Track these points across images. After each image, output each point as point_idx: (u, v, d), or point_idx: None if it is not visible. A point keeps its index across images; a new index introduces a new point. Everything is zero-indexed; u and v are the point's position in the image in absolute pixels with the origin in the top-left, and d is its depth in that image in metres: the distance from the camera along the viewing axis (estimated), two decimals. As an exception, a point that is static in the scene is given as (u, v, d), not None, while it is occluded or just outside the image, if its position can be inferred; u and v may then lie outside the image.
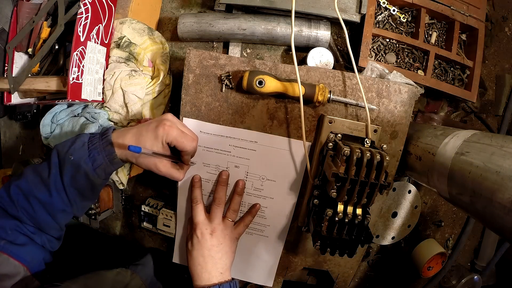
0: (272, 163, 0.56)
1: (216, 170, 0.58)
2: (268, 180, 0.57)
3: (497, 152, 0.37)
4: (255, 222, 0.60)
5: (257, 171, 0.57)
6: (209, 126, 0.55)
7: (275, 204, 0.58)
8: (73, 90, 0.52)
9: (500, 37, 0.76)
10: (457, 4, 0.67)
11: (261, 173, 0.57)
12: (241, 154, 0.56)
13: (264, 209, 0.59)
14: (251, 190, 0.59)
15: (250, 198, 0.59)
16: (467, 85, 0.69)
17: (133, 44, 0.59)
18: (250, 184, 0.58)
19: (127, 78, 0.57)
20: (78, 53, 0.52)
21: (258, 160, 0.56)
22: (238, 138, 0.55)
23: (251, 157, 0.56)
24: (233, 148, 0.56)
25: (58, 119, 0.60)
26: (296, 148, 0.55)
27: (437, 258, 0.73)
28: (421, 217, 0.75)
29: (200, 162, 0.57)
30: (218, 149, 0.56)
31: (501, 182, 0.34)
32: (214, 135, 0.56)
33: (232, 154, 0.57)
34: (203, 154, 0.57)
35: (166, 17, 0.70)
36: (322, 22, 0.63)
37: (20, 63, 0.60)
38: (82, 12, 0.52)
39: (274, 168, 0.56)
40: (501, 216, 0.34)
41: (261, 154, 0.56)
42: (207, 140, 0.56)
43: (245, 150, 0.56)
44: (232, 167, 0.57)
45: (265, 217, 0.60)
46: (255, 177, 0.58)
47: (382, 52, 0.67)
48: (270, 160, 0.56)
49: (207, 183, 0.59)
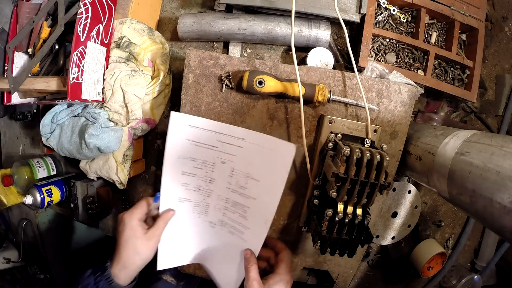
0: (257, 162, 0.54)
1: (202, 165, 0.56)
2: (253, 180, 0.55)
3: (497, 152, 0.37)
4: (237, 221, 0.57)
5: (242, 168, 0.55)
6: (198, 120, 0.54)
7: (257, 206, 0.55)
8: (73, 90, 0.52)
9: (500, 37, 0.76)
10: (457, 4, 0.67)
11: (246, 171, 0.55)
12: (228, 150, 0.55)
13: (246, 209, 0.56)
14: (236, 187, 0.56)
15: (234, 195, 0.57)
16: (467, 85, 0.69)
17: (133, 44, 0.59)
18: (235, 180, 0.56)
19: (127, 78, 0.57)
20: (78, 53, 0.52)
21: (245, 157, 0.54)
22: (226, 134, 0.54)
23: (238, 153, 0.55)
24: (220, 144, 0.55)
25: (58, 119, 0.60)
26: (284, 150, 0.51)
27: (437, 258, 0.73)
28: (421, 217, 0.75)
29: (187, 156, 0.55)
30: (206, 144, 0.55)
31: (501, 182, 0.34)
32: (203, 130, 0.54)
33: (220, 150, 0.55)
34: (191, 148, 0.55)
35: (166, 17, 0.70)
36: (322, 22, 0.63)
37: (20, 63, 0.60)
38: (82, 12, 0.52)
39: (259, 168, 0.54)
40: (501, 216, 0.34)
41: (247, 151, 0.54)
42: (195, 135, 0.54)
43: (232, 146, 0.54)
44: (219, 162, 0.56)
45: (246, 218, 0.56)
46: (240, 174, 0.55)
47: (382, 52, 0.67)
48: (255, 159, 0.54)
49: (193, 177, 0.57)
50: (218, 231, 0.59)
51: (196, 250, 0.61)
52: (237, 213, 0.57)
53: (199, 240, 0.60)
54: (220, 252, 0.60)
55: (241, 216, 0.57)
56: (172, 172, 0.56)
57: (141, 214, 0.53)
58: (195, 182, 0.57)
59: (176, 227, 0.58)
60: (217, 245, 0.60)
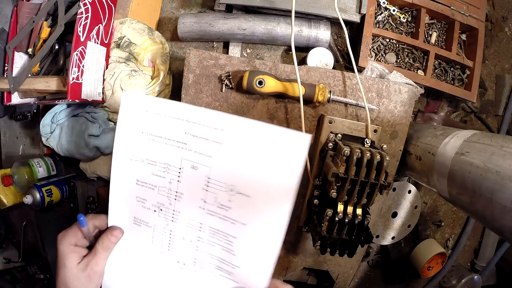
0: (246, 167, 0.36)
1: (164, 171, 0.38)
2: (240, 194, 0.37)
3: (497, 152, 0.37)
4: (219, 258, 0.40)
5: (223, 178, 0.37)
6: (158, 103, 0.38)
7: (248, 235, 0.37)
8: (73, 90, 0.52)
9: (500, 37, 0.75)
10: (457, 4, 0.67)
11: (228, 181, 0.37)
12: (202, 148, 0.37)
13: (232, 240, 0.38)
14: (214, 207, 0.38)
15: (212, 220, 0.38)
16: (467, 85, 0.69)
17: (133, 44, 0.59)
18: (212, 197, 0.38)
19: (127, 78, 0.57)
20: (78, 53, 0.52)
21: (225, 160, 0.37)
22: (198, 122, 0.36)
23: (215, 153, 0.37)
24: (190, 138, 0.37)
25: (58, 119, 0.60)
26: (291, 145, 0.34)
27: (437, 258, 0.73)
28: (421, 217, 0.75)
29: (143, 158, 0.39)
30: (168, 138, 0.37)
31: (501, 182, 0.34)
32: (165, 117, 0.37)
33: (189, 148, 0.37)
34: (148, 146, 0.38)
35: (166, 17, 0.70)
36: (322, 22, 0.63)
37: (20, 63, 0.60)
38: (82, 12, 0.52)
39: (249, 175, 0.36)
40: (501, 216, 0.34)
41: (230, 150, 0.36)
42: (154, 125, 0.38)
43: (207, 142, 0.37)
44: (188, 167, 0.38)
45: (233, 253, 0.38)
46: (219, 187, 0.37)
47: (382, 52, 0.67)
48: (243, 162, 0.36)
49: (151, 189, 0.40)
50: (190, 274, 0.41)
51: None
52: (218, 246, 0.39)
53: (161, 286, 0.42)
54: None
55: (225, 251, 0.39)
56: (124, 180, 0.40)
57: (75, 238, 0.38)
58: (154, 198, 0.40)
59: (128, 263, 0.41)
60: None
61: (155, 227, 0.41)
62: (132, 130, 0.38)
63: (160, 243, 0.41)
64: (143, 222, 0.41)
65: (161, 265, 0.42)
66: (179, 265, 0.42)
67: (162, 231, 0.41)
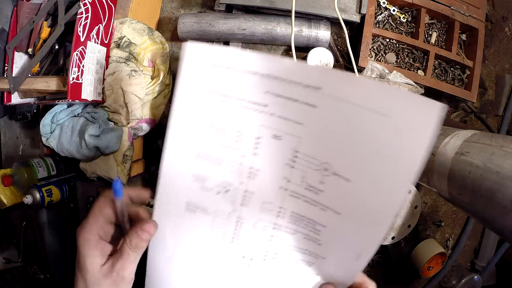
0: (349, 141, 0.28)
1: (237, 141, 0.30)
2: (336, 176, 0.29)
3: (497, 152, 0.37)
4: (300, 248, 0.33)
5: (315, 153, 0.29)
6: (230, 54, 0.29)
7: (343, 225, 0.30)
8: (73, 90, 0.52)
9: (500, 37, 0.75)
10: (457, 4, 0.67)
11: (322, 158, 0.29)
12: (288, 113, 0.29)
13: (320, 228, 0.31)
14: (300, 189, 0.30)
15: (296, 203, 0.31)
16: (467, 85, 0.69)
17: (133, 44, 0.59)
18: (299, 176, 0.30)
19: (127, 78, 0.57)
20: (78, 53, 0.52)
21: (321, 130, 0.28)
22: (284, 77, 0.28)
23: (306, 120, 0.28)
24: (272, 99, 0.29)
25: (58, 119, 0.60)
26: (412, 112, 0.25)
27: (437, 258, 0.73)
28: (421, 217, 0.75)
29: (209, 123, 0.30)
30: (243, 99, 0.29)
31: (501, 182, 0.34)
32: (239, 72, 0.29)
33: (270, 111, 0.29)
34: (216, 109, 0.30)
35: (166, 17, 0.70)
36: (322, 22, 0.63)
37: (20, 63, 0.60)
38: (82, 12, 0.52)
39: (352, 153, 0.28)
40: (501, 216, 0.34)
41: (328, 116, 0.28)
42: (226, 82, 0.29)
43: (296, 104, 0.28)
44: (268, 137, 0.30)
45: (319, 243, 0.32)
46: (310, 165, 0.29)
47: (382, 52, 0.67)
48: (345, 133, 0.28)
49: (217, 165, 0.31)
50: (257, 272, 0.34)
51: None
52: (299, 235, 0.32)
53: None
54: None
55: (309, 239, 0.32)
56: (180, 153, 0.31)
57: (97, 227, 0.31)
58: (219, 176, 0.31)
59: (176, 263, 0.34)
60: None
61: (217, 214, 0.32)
62: (197, 89, 0.30)
63: (221, 235, 0.32)
64: (199, 208, 0.32)
65: (220, 264, 0.33)
66: (244, 262, 0.33)
67: (226, 218, 0.32)
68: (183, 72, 0.29)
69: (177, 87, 0.30)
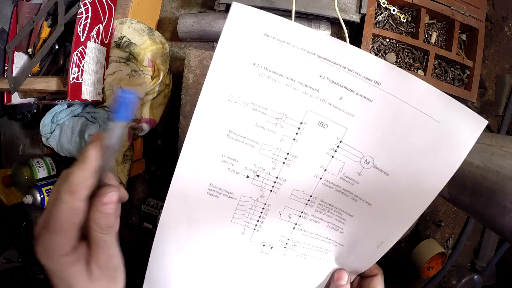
0: (396, 138, 0.28)
1: (277, 123, 0.28)
2: (376, 169, 0.29)
3: (497, 152, 0.37)
4: (322, 237, 0.33)
5: (360, 145, 0.29)
6: (285, 25, 0.26)
7: (370, 216, 0.31)
8: (73, 90, 0.52)
9: (500, 37, 0.75)
10: (457, 4, 0.67)
11: (366, 151, 0.29)
12: (341, 103, 0.28)
13: (347, 217, 0.31)
14: (336, 178, 0.30)
15: (328, 192, 0.30)
16: (467, 85, 0.69)
17: (133, 44, 0.59)
18: (337, 166, 0.29)
19: (127, 78, 0.57)
20: (78, 53, 0.52)
21: (371, 124, 0.28)
22: (344, 65, 0.26)
23: (358, 112, 0.28)
24: (326, 84, 0.27)
25: (58, 119, 0.60)
26: (463, 126, 0.28)
27: (437, 258, 0.73)
28: (421, 217, 0.75)
29: (248, 100, 0.27)
30: (293, 79, 0.27)
31: (501, 182, 0.34)
32: (293, 48, 0.26)
33: (321, 97, 0.27)
34: (259, 85, 0.27)
35: (166, 17, 0.70)
36: (322, 22, 0.63)
37: (20, 63, 0.60)
38: (82, 12, 0.52)
39: (397, 150, 0.29)
40: (501, 216, 0.34)
41: (381, 112, 0.28)
42: (275, 56, 0.26)
43: (351, 94, 0.27)
44: (314, 123, 0.28)
45: (341, 231, 0.32)
46: (351, 156, 0.29)
47: (382, 52, 0.67)
48: (394, 131, 0.28)
49: (251, 147, 0.29)
50: (276, 260, 0.33)
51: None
52: (323, 223, 0.32)
53: (235, 279, 0.33)
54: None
55: (331, 228, 0.32)
56: (209, 129, 0.28)
57: (69, 240, 0.24)
58: (251, 159, 0.29)
59: (187, 252, 0.32)
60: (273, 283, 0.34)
61: (243, 199, 0.30)
62: (240, 59, 0.26)
63: (244, 221, 0.31)
64: (224, 192, 0.30)
65: (239, 252, 0.32)
66: (265, 250, 0.32)
67: (253, 204, 0.30)
68: (223, 36, 0.25)
69: (215, 54, 0.26)
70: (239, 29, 0.25)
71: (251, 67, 0.26)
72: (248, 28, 0.25)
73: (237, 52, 0.26)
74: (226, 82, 0.27)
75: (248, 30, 0.26)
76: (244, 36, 0.26)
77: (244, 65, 0.26)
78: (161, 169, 0.53)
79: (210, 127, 0.28)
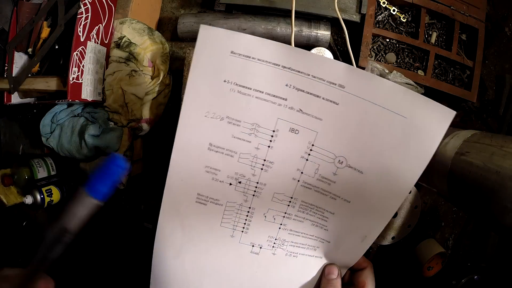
0: (366, 137, 0.30)
1: (251, 133, 0.30)
2: (350, 168, 0.31)
3: (497, 152, 0.37)
4: (307, 234, 0.34)
5: (332, 147, 0.30)
6: (250, 41, 0.28)
7: (351, 212, 0.32)
8: (73, 90, 0.52)
9: (500, 37, 0.75)
10: (457, 4, 0.67)
11: (338, 152, 0.30)
12: (309, 108, 0.29)
13: (329, 215, 0.33)
14: (313, 180, 0.31)
15: (307, 193, 0.32)
16: (467, 85, 0.69)
17: (133, 44, 0.59)
18: (313, 168, 0.31)
19: (127, 78, 0.57)
20: (78, 53, 0.52)
21: (340, 126, 0.29)
22: (307, 72, 0.28)
23: (326, 116, 0.29)
24: (293, 93, 0.29)
25: (58, 119, 0.60)
26: (426, 116, 0.28)
27: (437, 258, 0.73)
28: (421, 217, 0.75)
29: (223, 115, 0.29)
30: (262, 91, 0.29)
31: (501, 182, 0.34)
32: (259, 62, 0.28)
33: (290, 105, 0.29)
34: (231, 100, 0.29)
35: (166, 17, 0.70)
36: (322, 22, 0.63)
37: (20, 63, 0.60)
38: (82, 12, 0.52)
39: (368, 148, 0.30)
40: (501, 216, 0.34)
41: (348, 113, 0.29)
42: (243, 71, 0.28)
43: (317, 100, 0.29)
44: (285, 130, 0.30)
45: (326, 229, 0.34)
46: (325, 157, 0.31)
47: (382, 52, 0.67)
48: (363, 130, 0.29)
49: (230, 157, 0.31)
50: (265, 259, 0.35)
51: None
52: (307, 222, 0.34)
53: (229, 279, 0.35)
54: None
55: (316, 226, 0.34)
56: (191, 144, 0.30)
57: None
58: (232, 168, 0.31)
59: (183, 255, 0.33)
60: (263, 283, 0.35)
61: (228, 205, 0.32)
62: (211, 77, 0.28)
63: (232, 225, 0.33)
64: (211, 199, 0.32)
65: (229, 255, 0.34)
66: (254, 250, 0.34)
67: (238, 209, 0.32)
68: (195, 58, 0.28)
69: (189, 75, 0.28)
70: (208, 50, 0.28)
71: (222, 84, 0.29)
72: (216, 48, 0.28)
73: (208, 71, 0.28)
74: (202, 100, 0.29)
75: (216, 50, 0.28)
76: (213, 55, 0.28)
77: (216, 83, 0.28)
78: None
79: (192, 142, 0.30)
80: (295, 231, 0.34)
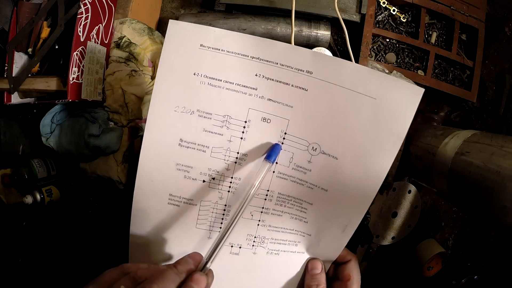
0: (337, 122, 0.29)
1: (223, 125, 0.29)
2: (324, 155, 0.30)
3: (497, 152, 0.37)
4: (287, 229, 0.33)
5: (304, 134, 0.30)
6: (217, 34, 0.28)
7: (329, 201, 0.31)
8: (73, 90, 0.52)
9: (500, 37, 0.75)
10: (457, 4, 0.67)
11: (311, 138, 0.30)
12: (279, 96, 0.29)
13: (307, 206, 0.32)
14: (288, 169, 0.31)
15: (283, 184, 0.31)
16: (467, 85, 0.69)
17: (133, 44, 0.59)
18: (287, 157, 0.30)
19: (127, 78, 0.57)
20: (78, 53, 0.52)
21: (311, 112, 0.29)
22: (275, 61, 0.28)
23: (297, 103, 0.29)
24: (262, 82, 0.29)
25: (58, 119, 0.60)
26: (396, 95, 0.28)
27: (437, 258, 0.73)
28: (421, 217, 0.75)
29: (193, 109, 0.29)
30: (231, 82, 0.29)
31: (501, 182, 0.34)
32: (227, 54, 0.28)
33: (260, 94, 0.29)
34: (201, 93, 0.29)
35: (166, 17, 0.70)
36: (322, 22, 0.63)
37: (20, 63, 0.60)
38: (82, 12, 0.52)
39: (340, 133, 0.29)
40: (501, 216, 0.34)
41: (318, 99, 0.29)
42: (212, 64, 0.28)
43: (286, 87, 0.29)
44: (257, 120, 0.30)
45: (305, 220, 0.33)
46: (298, 145, 0.30)
47: (382, 52, 0.67)
48: (334, 115, 0.29)
49: (202, 152, 0.30)
50: (246, 259, 0.33)
51: None
52: (286, 215, 0.33)
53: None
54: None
55: (295, 219, 0.33)
56: (161, 142, 0.29)
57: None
58: (204, 164, 0.30)
59: (162, 259, 0.32)
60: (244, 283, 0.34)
61: (203, 204, 0.30)
62: (180, 71, 0.28)
63: (208, 226, 0.31)
64: (184, 200, 0.30)
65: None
66: (233, 250, 0.32)
67: (213, 207, 0.31)
68: (164, 52, 0.28)
69: (158, 69, 0.28)
70: (177, 44, 0.28)
71: (192, 77, 0.28)
72: (185, 42, 0.28)
73: (178, 65, 0.28)
74: (171, 95, 0.29)
75: (185, 44, 0.28)
76: (182, 49, 0.28)
77: (185, 76, 0.28)
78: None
79: (162, 139, 0.29)
80: (274, 226, 0.33)
